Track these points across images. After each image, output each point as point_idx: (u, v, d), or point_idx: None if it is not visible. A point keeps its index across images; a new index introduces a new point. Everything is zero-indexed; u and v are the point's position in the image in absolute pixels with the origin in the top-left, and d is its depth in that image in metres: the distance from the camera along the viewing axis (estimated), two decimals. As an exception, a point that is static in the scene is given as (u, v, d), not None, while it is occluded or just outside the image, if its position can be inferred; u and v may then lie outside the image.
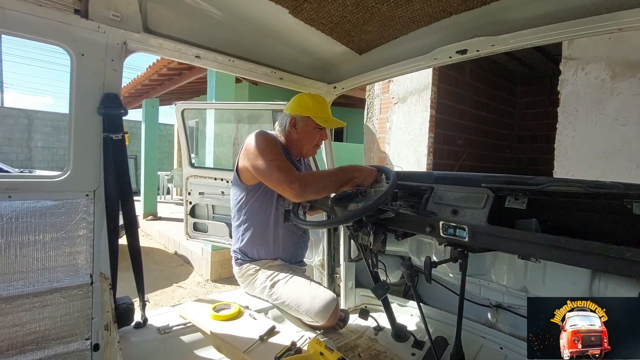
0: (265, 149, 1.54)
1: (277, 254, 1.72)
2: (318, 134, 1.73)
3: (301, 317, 1.62)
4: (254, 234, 1.69)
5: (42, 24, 1.05)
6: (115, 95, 1.20)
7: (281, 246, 1.72)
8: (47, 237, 1.14)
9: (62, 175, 1.16)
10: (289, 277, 1.64)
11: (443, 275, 1.83)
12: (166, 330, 1.43)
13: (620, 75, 2.74)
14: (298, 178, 1.46)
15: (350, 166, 1.56)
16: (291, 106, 1.71)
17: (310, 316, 1.57)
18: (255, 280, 1.68)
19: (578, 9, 1.14)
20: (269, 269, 1.67)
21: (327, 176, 1.56)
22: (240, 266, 1.72)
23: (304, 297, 1.58)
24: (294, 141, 1.73)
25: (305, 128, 1.69)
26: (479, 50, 1.38)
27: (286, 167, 1.50)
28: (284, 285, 1.62)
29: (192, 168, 2.52)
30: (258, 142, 1.56)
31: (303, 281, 1.64)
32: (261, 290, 1.66)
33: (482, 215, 1.24)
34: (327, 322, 1.59)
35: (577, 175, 2.94)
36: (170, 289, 4.24)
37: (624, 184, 1.04)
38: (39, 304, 1.14)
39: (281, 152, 1.57)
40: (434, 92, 4.39)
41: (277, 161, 1.51)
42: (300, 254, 1.84)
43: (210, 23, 1.44)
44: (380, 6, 1.30)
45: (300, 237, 1.81)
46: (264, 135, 1.60)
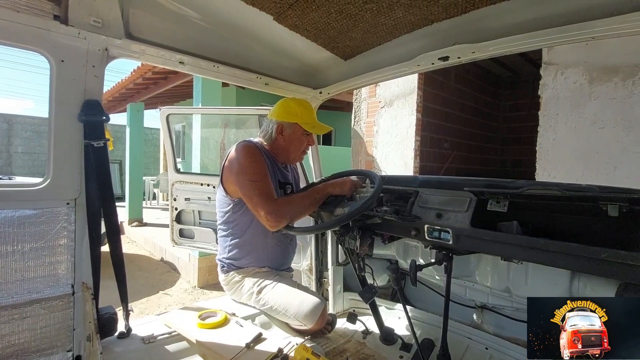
0: (248, 166, 1.51)
1: (265, 262, 1.70)
2: (306, 140, 1.71)
3: (289, 322, 1.61)
4: (242, 245, 1.66)
5: (19, 30, 1.03)
6: (97, 102, 1.18)
7: (269, 255, 1.71)
8: (26, 247, 1.11)
9: (42, 183, 1.13)
10: (276, 283, 1.63)
11: (429, 277, 1.86)
12: (151, 339, 1.40)
13: (597, 80, 2.83)
14: (274, 209, 1.44)
15: (323, 184, 1.58)
16: (277, 112, 1.67)
17: (298, 320, 1.57)
18: (242, 287, 1.66)
19: (554, 18, 1.18)
20: (255, 275, 1.66)
21: (301, 200, 1.53)
22: (227, 274, 1.70)
23: (292, 301, 1.58)
24: (281, 148, 1.70)
25: (293, 134, 1.67)
26: (460, 57, 1.41)
27: (266, 192, 1.48)
28: (271, 291, 1.61)
29: (177, 174, 2.49)
30: (241, 158, 1.54)
31: (290, 286, 1.64)
32: (248, 296, 1.65)
33: (465, 218, 1.27)
34: (315, 326, 1.59)
35: (558, 176, 3.01)
36: (156, 297, 4.16)
37: (599, 186, 1.08)
38: (18, 316, 1.10)
39: (265, 170, 1.54)
40: (420, 96, 4.46)
41: (258, 184, 1.48)
42: (288, 261, 1.83)
43: (194, 29, 1.44)
44: (363, 14, 1.32)
45: (288, 244, 1.79)
46: (248, 150, 1.57)
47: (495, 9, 1.23)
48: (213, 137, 5.85)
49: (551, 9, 1.18)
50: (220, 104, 5.27)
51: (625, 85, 2.69)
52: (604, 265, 0.99)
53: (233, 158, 1.57)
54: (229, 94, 7.22)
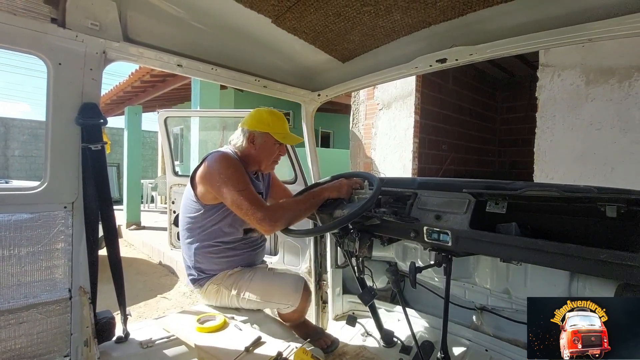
0: (233, 177, 1.50)
1: (237, 262, 1.68)
2: (277, 150, 1.71)
3: (278, 309, 1.64)
4: (210, 250, 1.63)
5: (17, 33, 1.03)
6: (94, 105, 1.17)
7: (240, 255, 1.68)
8: (22, 252, 1.10)
9: (39, 187, 1.12)
10: (252, 276, 1.63)
11: (429, 279, 1.85)
12: (149, 344, 1.39)
13: (594, 82, 2.85)
14: (267, 214, 1.43)
15: (319, 188, 1.58)
16: (249, 121, 1.68)
17: (284, 302, 1.59)
18: (221, 294, 1.63)
19: (551, 20, 1.19)
20: (229, 278, 1.63)
21: (297, 205, 1.52)
22: (202, 286, 1.66)
23: (272, 287, 1.61)
24: (252, 157, 1.69)
25: (264, 144, 1.67)
26: (458, 59, 1.42)
27: (255, 199, 1.47)
28: (248, 285, 1.61)
29: (175, 176, 2.49)
30: (222, 169, 1.52)
31: (265, 274, 1.66)
32: (230, 300, 1.63)
33: (464, 220, 1.27)
34: (301, 302, 1.63)
35: (555, 177, 3.03)
36: (154, 301, 4.14)
37: (597, 187, 1.08)
38: (15, 321, 1.09)
39: (247, 178, 1.54)
40: (418, 98, 4.47)
41: (245, 192, 1.47)
42: (259, 257, 1.81)
43: (192, 31, 1.43)
44: (361, 16, 1.33)
45: (257, 239, 1.76)
46: (229, 161, 1.56)
47: (492, 11, 1.23)
48: (211, 140, 5.85)
49: (548, 11, 1.19)
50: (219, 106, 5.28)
51: (621, 87, 2.71)
52: (602, 266, 0.99)
53: (213, 169, 1.54)
54: (227, 97, 7.22)
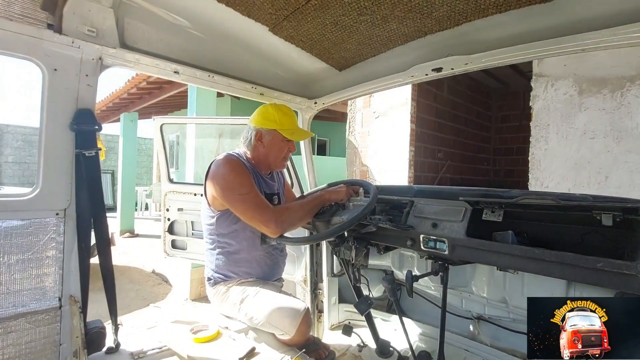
0: (235, 181, 1.48)
1: (253, 274, 1.64)
2: (286, 147, 1.65)
3: (273, 332, 1.52)
4: (229, 257, 1.61)
5: (12, 39, 1.02)
6: (89, 111, 1.16)
7: (258, 266, 1.65)
8: (12, 259, 1.08)
9: (31, 193, 1.10)
10: (259, 291, 1.55)
11: (426, 288, 1.84)
12: (140, 355, 1.36)
13: (587, 92, 2.89)
14: (273, 216, 1.42)
15: (319, 192, 1.58)
16: (255, 118, 1.63)
17: (279, 328, 1.47)
18: (227, 298, 1.60)
19: (544, 31, 1.21)
20: (241, 285, 1.60)
21: (301, 207, 1.51)
22: (214, 286, 1.64)
23: (272, 309, 1.48)
24: (261, 155, 1.65)
25: (272, 141, 1.62)
26: (454, 68, 1.43)
27: (259, 203, 1.46)
28: (252, 299, 1.53)
29: (170, 184, 2.47)
30: (224, 173, 1.50)
31: (271, 294, 1.55)
32: (231, 307, 1.58)
33: (461, 228, 1.27)
34: (297, 335, 1.46)
35: (550, 186, 3.04)
36: (146, 310, 4.07)
37: (593, 196, 1.09)
38: (2, 331, 1.06)
39: (251, 181, 1.51)
40: (414, 107, 4.50)
41: (249, 196, 1.45)
42: (278, 272, 1.78)
43: (189, 39, 1.44)
44: (358, 25, 1.34)
45: (278, 255, 1.74)
46: (232, 164, 1.53)
47: (487, 21, 1.25)
48: (207, 147, 5.83)
49: (542, 22, 1.20)
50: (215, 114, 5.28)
51: (614, 97, 2.75)
52: (599, 274, 0.99)
53: (216, 174, 1.52)
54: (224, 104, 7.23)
